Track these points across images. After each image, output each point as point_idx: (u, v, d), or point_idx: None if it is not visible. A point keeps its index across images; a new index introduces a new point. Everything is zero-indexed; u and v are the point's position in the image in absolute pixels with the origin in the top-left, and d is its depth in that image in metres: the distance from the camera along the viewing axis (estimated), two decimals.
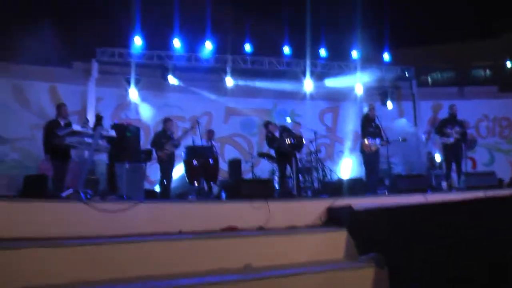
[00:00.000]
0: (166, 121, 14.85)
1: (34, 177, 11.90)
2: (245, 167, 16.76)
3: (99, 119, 10.86)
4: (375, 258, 7.66)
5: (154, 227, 8.72)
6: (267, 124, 14.72)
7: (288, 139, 13.34)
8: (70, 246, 7.10)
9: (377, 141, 14.36)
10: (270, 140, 14.33)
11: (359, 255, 8.23)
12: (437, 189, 14.31)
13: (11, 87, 17.14)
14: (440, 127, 15.24)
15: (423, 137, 20.23)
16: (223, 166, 17.14)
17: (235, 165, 16.42)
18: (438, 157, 16.53)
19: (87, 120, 15.66)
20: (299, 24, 18.99)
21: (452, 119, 15.13)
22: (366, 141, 14.34)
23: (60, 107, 12.64)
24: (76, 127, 10.55)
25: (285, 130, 14.12)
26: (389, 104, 20.97)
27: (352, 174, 19.29)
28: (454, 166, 14.90)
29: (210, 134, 15.41)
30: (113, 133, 11.22)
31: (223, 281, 6.78)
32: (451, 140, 14.75)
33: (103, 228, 8.33)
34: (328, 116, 21.32)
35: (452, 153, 14.91)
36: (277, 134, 14.16)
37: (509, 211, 5.97)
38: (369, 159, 14.46)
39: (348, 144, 20.95)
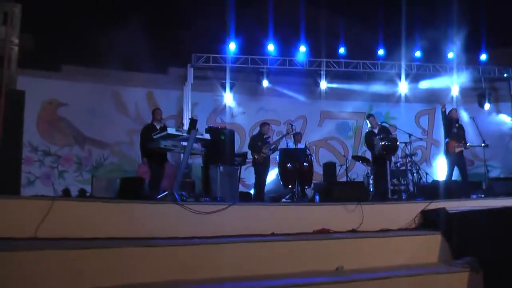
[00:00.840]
0: (263, 125, 14.94)
1: (130, 179, 12.18)
2: (339, 170, 16.66)
3: (193, 122, 10.94)
4: (470, 262, 7.53)
5: (247, 229, 8.75)
6: (369, 116, 14.58)
7: (383, 142, 13.19)
8: (165, 246, 7.21)
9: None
10: (368, 134, 14.24)
11: (453, 259, 8.10)
12: None
13: (110, 93, 17.58)
14: None
15: None
16: (318, 170, 17.09)
17: (329, 168, 16.38)
18: None
19: (182, 124, 15.91)
20: (393, 26, 18.78)
21: None
22: (451, 141, 14.05)
23: (155, 112, 12.93)
24: (171, 130, 10.73)
25: (383, 130, 13.96)
26: (487, 106, 20.46)
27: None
28: None
29: (297, 136, 15.34)
30: (207, 136, 11.34)
31: (314, 283, 6.76)
32: None
33: (196, 229, 8.43)
34: (424, 119, 20.98)
35: None
36: (375, 130, 14.04)
37: None
38: (453, 159, 14.14)
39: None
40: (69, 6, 16.20)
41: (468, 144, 14.14)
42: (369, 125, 14.25)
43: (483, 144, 14.35)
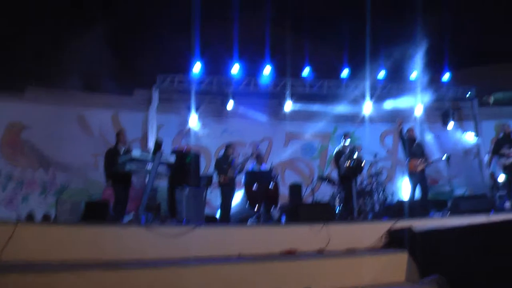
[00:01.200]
0: (228, 147, 14.94)
1: (95, 203, 12.16)
2: (305, 191, 16.68)
3: (158, 144, 10.94)
4: (437, 280, 7.58)
5: (213, 250, 8.77)
6: (346, 135, 14.64)
7: (348, 162, 13.25)
8: (130, 269, 7.17)
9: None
10: (338, 153, 14.27)
11: (421, 277, 8.15)
12: (501, 209, 13.99)
13: (74, 116, 17.44)
14: (496, 148, 15.06)
15: (486, 158, 19.87)
16: (284, 191, 17.09)
17: (295, 189, 16.40)
18: (501, 178, 16.18)
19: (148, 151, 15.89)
20: (357, 46, 18.91)
21: (508, 139, 14.91)
22: (412, 161, 14.20)
23: (119, 134, 12.85)
24: (135, 153, 10.68)
25: (350, 151, 14.02)
26: (451, 125, 20.65)
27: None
28: None
29: (259, 159, 15.33)
30: (172, 159, 11.31)
31: None
32: (510, 160, 14.50)
33: (162, 251, 8.43)
34: (389, 138, 21.09)
35: None
36: (347, 150, 14.09)
37: None
38: (415, 179, 14.33)
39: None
40: (34, 26, 16.12)
41: (429, 161, 14.30)
42: (344, 144, 14.31)
43: (444, 157, 14.47)
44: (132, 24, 18.22)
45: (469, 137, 20.64)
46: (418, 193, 14.53)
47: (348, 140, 14.29)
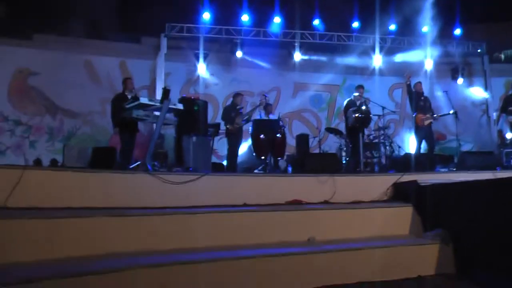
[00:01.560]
0: (236, 95, 14.93)
1: (102, 149, 12.13)
2: (313, 142, 16.66)
3: (166, 92, 10.86)
4: (440, 234, 7.61)
5: (219, 199, 8.80)
6: (359, 87, 14.55)
7: (356, 114, 13.20)
8: (136, 215, 7.21)
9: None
10: (349, 104, 14.23)
11: (424, 231, 8.19)
12: (507, 167, 13.97)
13: (82, 63, 17.38)
14: (504, 106, 15.03)
15: (494, 115, 19.79)
16: (291, 141, 17.10)
17: (302, 140, 16.32)
18: (509, 135, 16.12)
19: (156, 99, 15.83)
20: None
21: None
22: (418, 115, 14.15)
23: (126, 81, 12.79)
24: (143, 99, 10.65)
25: (363, 104, 13.94)
26: (460, 80, 20.53)
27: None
28: None
29: (268, 108, 15.26)
30: (180, 106, 11.28)
31: (286, 253, 6.80)
32: None
33: (168, 199, 8.46)
34: (397, 92, 21.00)
35: None
36: (357, 102, 14.01)
37: None
38: (421, 133, 14.36)
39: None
40: None
41: (435, 115, 14.26)
42: (355, 95, 14.22)
43: (451, 112, 14.41)
44: None
45: (478, 93, 20.54)
46: (424, 147, 14.55)
47: (360, 93, 14.17)
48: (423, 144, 14.43)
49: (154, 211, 7.65)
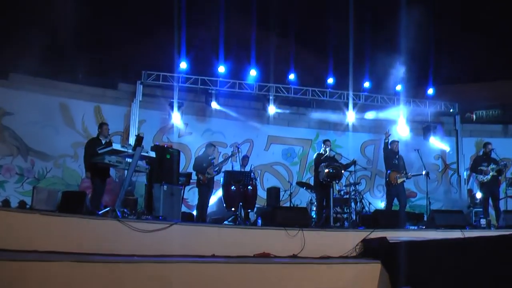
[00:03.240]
0: (209, 146, 14.99)
1: (72, 193, 12.04)
2: (284, 195, 16.69)
3: (139, 139, 10.90)
4: None
5: (187, 249, 8.81)
6: (326, 141, 14.58)
7: (327, 169, 13.24)
8: (103, 262, 7.17)
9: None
10: (320, 156, 14.26)
11: None
12: (476, 226, 14.12)
13: (57, 105, 17.31)
14: (475, 165, 15.24)
15: (465, 174, 19.99)
16: (262, 194, 17.10)
17: (273, 193, 16.37)
18: (479, 195, 16.29)
19: (129, 145, 15.80)
20: (343, 55, 18.97)
21: (487, 157, 15.15)
22: (392, 173, 14.28)
23: (102, 126, 12.74)
24: (116, 145, 10.67)
25: (330, 159, 13.99)
26: (432, 139, 20.72)
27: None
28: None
29: (244, 160, 15.33)
30: (152, 154, 11.32)
31: None
32: (488, 177, 14.65)
33: (137, 247, 8.44)
34: (369, 149, 21.10)
35: (489, 191, 14.91)
36: (325, 156, 14.04)
37: None
38: (394, 191, 14.39)
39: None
40: (21, 14, 16.02)
41: (409, 174, 14.39)
42: (322, 149, 14.26)
43: (424, 172, 14.58)
44: (120, 19, 18.17)
45: (437, 144, 20.70)
46: (395, 204, 14.66)
47: (328, 147, 14.22)
48: (395, 201, 14.52)
49: (122, 258, 7.62)
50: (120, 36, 18.35)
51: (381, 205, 18.94)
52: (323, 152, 14.14)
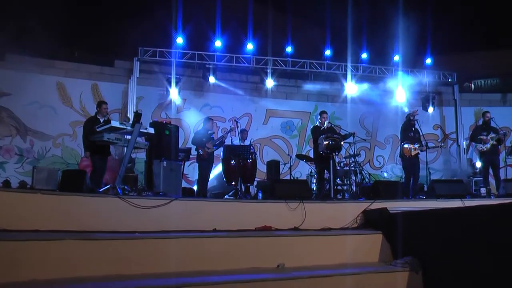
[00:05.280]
0: (207, 120, 14.89)
1: (72, 172, 12.03)
2: (283, 169, 16.69)
3: (137, 116, 10.85)
4: (410, 262, 7.62)
5: (188, 224, 8.76)
6: (322, 112, 14.52)
7: (326, 141, 13.19)
8: (105, 239, 7.16)
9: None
10: (314, 129, 14.26)
11: (394, 258, 8.19)
12: (476, 195, 14.12)
13: (54, 84, 17.28)
14: (474, 135, 15.24)
15: (464, 144, 19.99)
16: (262, 168, 17.10)
17: (273, 166, 16.33)
18: (479, 164, 16.30)
19: (128, 119, 15.75)
20: (341, 27, 18.88)
21: (486, 126, 15.14)
22: (405, 146, 14.31)
23: (100, 105, 12.69)
24: (114, 123, 10.63)
25: (329, 130, 13.93)
26: (431, 109, 20.70)
27: (391, 178, 19.21)
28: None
29: (243, 134, 15.31)
30: (151, 130, 11.29)
31: (255, 279, 6.77)
32: (487, 146, 14.67)
33: (138, 223, 8.41)
34: (368, 120, 21.10)
35: (489, 160, 14.98)
36: (323, 127, 13.98)
37: None
38: (408, 163, 14.44)
39: (387, 149, 20.82)
40: None
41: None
42: (319, 121, 14.21)
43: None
44: None
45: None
46: (404, 177, 14.75)
47: (325, 119, 14.15)
48: (402, 173, 14.57)
49: (123, 235, 7.60)
50: (116, 13, 18.26)
51: (384, 175, 19.06)
52: (319, 125, 14.09)
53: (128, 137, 10.81)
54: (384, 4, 18.98)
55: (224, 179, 14.17)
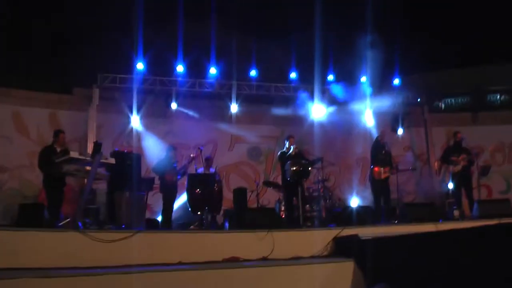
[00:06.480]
0: (171, 149, 14.63)
1: (29, 205, 11.79)
2: (251, 196, 16.38)
3: (97, 146, 10.56)
4: None
5: (153, 257, 8.72)
6: (290, 137, 14.29)
7: (294, 167, 12.97)
8: (64, 276, 6.96)
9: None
10: (284, 154, 13.98)
11: (366, 286, 8.21)
12: (449, 218, 14.04)
13: (10, 114, 16.85)
14: (445, 156, 15.25)
15: (436, 165, 19.93)
16: (229, 195, 16.78)
17: (240, 194, 16.06)
18: (451, 185, 16.26)
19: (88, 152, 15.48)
20: (306, 49, 18.68)
21: (458, 147, 15.14)
22: (375, 169, 14.19)
23: (58, 134, 12.31)
24: (73, 154, 10.34)
25: (297, 156, 13.73)
26: (400, 131, 20.57)
27: (362, 202, 19.00)
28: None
29: (208, 161, 15.12)
30: (112, 161, 11.03)
31: None
32: (459, 167, 14.61)
33: (100, 258, 8.22)
34: (337, 143, 20.77)
35: (461, 181, 14.94)
36: (290, 152, 13.77)
37: None
38: (379, 187, 14.32)
39: (357, 172, 20.61)
40: None
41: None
42: (286, 146, 13.99)
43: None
44: (71, 21, 17.75)
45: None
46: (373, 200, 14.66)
47: (292, 144, 13.95)
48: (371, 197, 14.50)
49: (84, 271, 7.36)
50: (73, 39, 17.96)
51: (354, 201, 18.86)
52: (286, 150, 13.89)
53: (89, 167, 10.50)
54: (350, 25, 18.87)
55: (189, 209, 13.86)
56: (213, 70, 18.64)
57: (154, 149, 17.84)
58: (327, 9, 18.01)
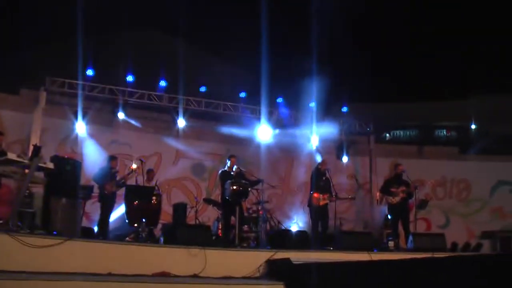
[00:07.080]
0: (112, 159, 14.61)
1: None
2: (190, 212, 16.29)
3: (36, 149, 10.41)
4: None
5: (82, 266, 8.54)
6: (232, 156, 14.30)
7: (234, 187, 12.97)
8: None
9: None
10: (225, 173, 14.01)
11: None
12: (385, 248, 14.16)
13: None
14: (385, 186, 15.34)
15: (377, 196, 20.05)
16: (169, 210, 16.69)
17: (179, 209, 16.06)
18: (388, 216, 16.41)
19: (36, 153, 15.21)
20: (257, 70, 18.73)
21: (398, 179, 15.26)
22: (315, 195, 14.26)
23: None
24: (11, 155, 10.16)
25: (238, 175, 13.75)
26: (345, 159, 20.68)
27: (301, 227, 19.02)
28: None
29: (150, 174, 15.04)
30: (51, 165, 10.86)
31: None
32: (397, 199, 14.72)
33: (28, 263, 8.06)
34: (281, 166, 20.92)
35: (398, 212, 15.04)
36: (232, 172, 13.84)
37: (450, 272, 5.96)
38: (317, 213, 14.36)
39: (299, 196, 20.62)
40: None
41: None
42: (228, 165, 14.00)
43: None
44: (24, 22, 17.55)
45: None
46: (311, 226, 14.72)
47: (234, 164, 13.97)
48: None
49: (8, 275, 7.19)
50: (24, 40, 17.71)
51: (294, 224, 18.87)
52: (227, 169, 13.90)
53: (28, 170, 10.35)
54: (302, 51, 18.98)
55: (127, 221, 13.75)
56: (162, 83, 18.56)
57: (96, 158, 17.64)
58: (278, 33, 18.16)
